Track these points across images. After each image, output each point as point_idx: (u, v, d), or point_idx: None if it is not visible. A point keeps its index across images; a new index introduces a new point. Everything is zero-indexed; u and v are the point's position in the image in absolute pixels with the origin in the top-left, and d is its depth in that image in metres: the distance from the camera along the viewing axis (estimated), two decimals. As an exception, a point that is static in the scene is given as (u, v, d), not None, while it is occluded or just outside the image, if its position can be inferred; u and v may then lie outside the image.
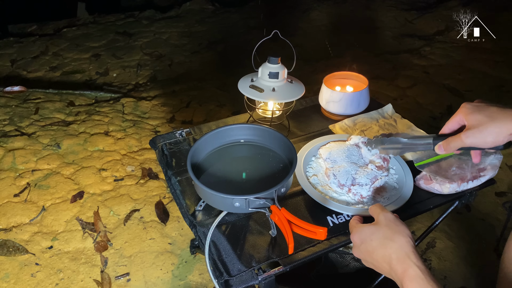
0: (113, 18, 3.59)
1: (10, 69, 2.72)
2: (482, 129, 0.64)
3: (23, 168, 1.67)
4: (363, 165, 0.89)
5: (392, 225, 0.65)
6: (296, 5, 3.72)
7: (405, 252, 0.61)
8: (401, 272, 0.60)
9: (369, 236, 0.66)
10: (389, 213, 0.68)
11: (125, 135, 1.90)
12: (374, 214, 0.71)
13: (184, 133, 1.09)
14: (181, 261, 1.34)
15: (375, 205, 0.73)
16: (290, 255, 0.75)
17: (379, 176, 0.86)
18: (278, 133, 0.94)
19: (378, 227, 0.67)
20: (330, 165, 0.89)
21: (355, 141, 0.93)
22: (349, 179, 0.85)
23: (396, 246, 0.62)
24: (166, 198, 1.57)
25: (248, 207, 0.78)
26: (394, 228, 0.65)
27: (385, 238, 0.64)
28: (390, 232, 0.65)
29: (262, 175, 0.90)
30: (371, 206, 0.73)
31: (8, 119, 1.98)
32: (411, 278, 0.58)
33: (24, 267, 1.31)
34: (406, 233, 0.64)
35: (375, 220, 0.70)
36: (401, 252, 0.62)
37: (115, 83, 2.55)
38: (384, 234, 0.65)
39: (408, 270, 0.59)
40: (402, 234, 0.64)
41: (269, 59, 1.01)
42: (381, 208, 0.70)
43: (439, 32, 2.98)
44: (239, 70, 1.12)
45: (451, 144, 0.71)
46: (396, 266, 0.61)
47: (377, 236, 0.65)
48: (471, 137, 0.66)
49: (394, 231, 0.64)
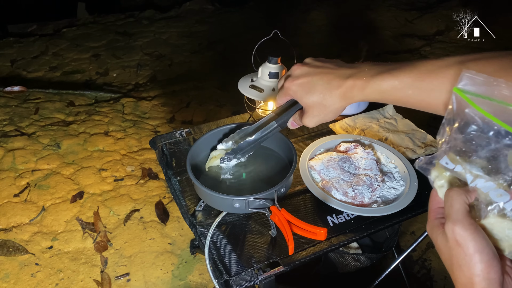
0: (113, 18, 3.59)
1: (10, 69, 2.72)
2: (318, 113, 0.65)
3: (23, 168, 1.67)
4: (355, 172, 0.90)
5: (460, 253, 0.46)
6: (296, 5, 3.72)
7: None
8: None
9: (437, 248, 0.50)
10: (462, 229, 0.45)
11: (125, 135, 1.90)
12: (445, 211, 0.48)
13: (184, 133, 1.09)
14: (181, 261, 1.34)
15: (453, 194, 0.47)
16: (290, 255, 0.75)
17: (375, 184, 0.87)
18: (278, 133, 0.93)
19: (446, 244, 0.47)
20: (326, 177, 0.89)
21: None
22: (350, 189, 0.86)
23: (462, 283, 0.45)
24: (166, 198, 1.57)
25: (248, 208, 0.78)
26: (461, 259, 0.45)
27: (452, 265, 0.47)
28: (456, 263, 0.46)
29: (262, 175, 0.89)
30: (449, 190, 0.48)
31: (8, 119, 1.98)
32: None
33: (24, 267, 1.31)
34: (477, 272, 0.44)
35: (446, 222, 0.48)
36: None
37: (115, 83, 2.55)
38: (451, 259, 0.47)
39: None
40: (470, 272, 0.45)
41: (269, 59, 1.01)
42: (457, 211, 0.47)
43: (439, 32, 2.98)
44: (239, 70, 1.12)
45: (298, 122, 0.72)
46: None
47: (445, 256, 0.47)
48: (311, 120, 0.67)
49: (460, 263, 0.46)
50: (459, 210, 0.46)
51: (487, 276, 0.43)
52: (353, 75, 0.58)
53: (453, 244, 0.45)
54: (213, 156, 0.91)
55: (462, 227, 0.45)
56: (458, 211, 0.46)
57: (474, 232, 0.45)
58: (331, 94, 0.61)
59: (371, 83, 0.56)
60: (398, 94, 0.54)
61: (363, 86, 0.56)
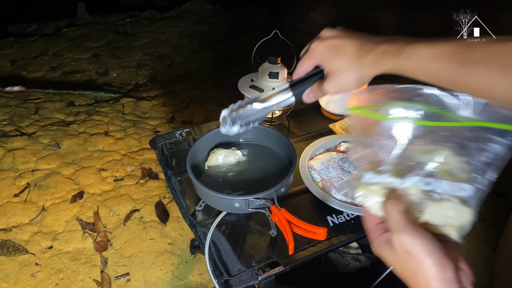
0: (113, 18, 3.59)
1: (10, 69, 2.72)
2: (343, 78, 0.60)
3: (23, 168, 1.67)
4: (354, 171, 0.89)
5: (412, 261, 0.45)
6: (296, 5, 3.72)
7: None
8: None
9: (388, 265, 0.49)
10: (408, 237, 0.45)
11: (125, 135, 1.90)
12: (388, 225, 0.48)
13: (184, 133, 1.09)
14: (181, 261, 1.34)
15: (390, 206, 0.48)
16: (290, 255, 0.75)
17: None
18: (278, 133, 0.93)
19: (396, 257, 0.47)
20: (326, 177, 0.89)
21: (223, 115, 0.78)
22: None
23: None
24: (166, 198, 1.57)
25: (248, 208, 0.78)
26: (414, 267, 0.45)
27: (407, 277, 0.46)
28: (411, 272, 0.45)
29: (262, 175, 0.89)
30: (384, 204, 0.49)
31: (8, 119, 1.98)
32: None
33: (24, 267, 1.31)
34: (432, 276, 0.44)
35: (390, 236, 0.48)
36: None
37: (115, 83, 2.55)
38: (405, 271, 0.46)
39: None
40: (425, 278, 0.44)
41: (269, 59, 1.01)
42: (397, 221, 0.47)
43: (439, 32, 2.98)
44: (239, 70, 1.12)
45: (316, 94, 0.65)
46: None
47: (398, 270, 0.47)
48: (334, 86, 0.61)
49: (414, 272, 0.45)
50: (400, 220, 0.46)
51: (442, 276, 0.43)
52: (388, 41, 0.55)
53: (404, 254, 0.45)
54: (213, 153, 0.91)
55: (408, 235, 0.45)
56: (400, 221, 0.46)
57: (420, 236, 0.45)
58: (361, 58, 0.57)
59: (406, 49, 0.53)
60: (431, 66, 0.51)
61: (397, 52, 0.53)
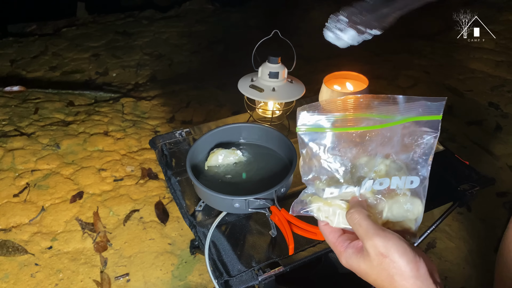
0: (112, 17, 3.59)
1: (10, 69, 2.72)
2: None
3: (22, 168, 1.67)
4: None
5: (387, 264, 0.44)
6: (296, 5, 3.72)
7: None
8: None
9: (360, 274, 0.49)
10: (381, 240, 0.45)
11: (124, 135, 1.90)
12: (357, 233, 0.48)
13: (184, 133, 1.09)
14: (181, 262, 1.34)
15: (356, 215, 0.48)
16: (290, 255, 0.75)
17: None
18: (278, 133, 0.93)
19: (371, 264, 0.46)
20: None
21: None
22: None
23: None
24: (166, 198, 1.56)
25: (248, 208, 0.78)
26: (391, 269, 0.44)
27: (383, 281, 0.46)
28: (387, 275, 0.45)
29: (262, 175, 0.89)
30: (349, 214, 0.49)
31: (7, 119, 1.98)
32: None
33: (24, 267, 1.31)
34: (408, 275, 0.43)
35: (362, 245, 0.47)
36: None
37: (114, 83, 2.55)
38: (380, 276, 0.45)
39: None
40: (402, 278, 0.44)
41: (269, 59, 1.01)
42: (367, 227, 0.46)
43: (439, 32, 2.98)
44: (239, 70, 1.12)
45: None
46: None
47: (374, 276, 0.46)
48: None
49: (390, 274, 0.44)
50: (369, 225, 0.46)
51: (417, 273, 0.43)
52: None
53: (379, 258, 0.45)
54: (213, 153, 0.91)
55: (380, 238, 0.45)
56: (369, 227, 0.46)
57: (392, 237, 0.45)
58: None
59: None
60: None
61: None
